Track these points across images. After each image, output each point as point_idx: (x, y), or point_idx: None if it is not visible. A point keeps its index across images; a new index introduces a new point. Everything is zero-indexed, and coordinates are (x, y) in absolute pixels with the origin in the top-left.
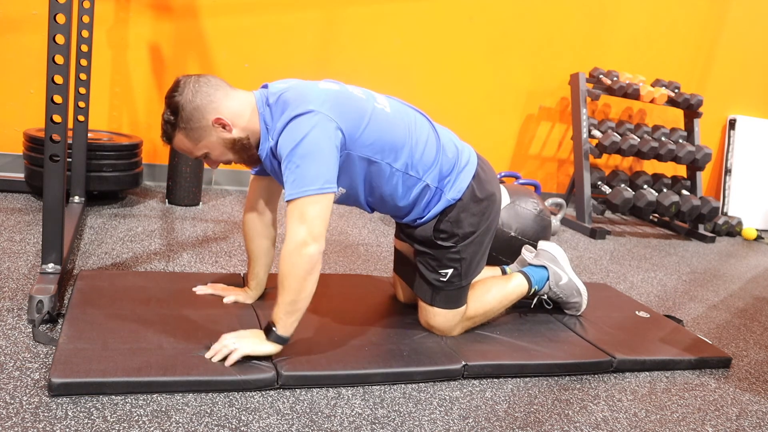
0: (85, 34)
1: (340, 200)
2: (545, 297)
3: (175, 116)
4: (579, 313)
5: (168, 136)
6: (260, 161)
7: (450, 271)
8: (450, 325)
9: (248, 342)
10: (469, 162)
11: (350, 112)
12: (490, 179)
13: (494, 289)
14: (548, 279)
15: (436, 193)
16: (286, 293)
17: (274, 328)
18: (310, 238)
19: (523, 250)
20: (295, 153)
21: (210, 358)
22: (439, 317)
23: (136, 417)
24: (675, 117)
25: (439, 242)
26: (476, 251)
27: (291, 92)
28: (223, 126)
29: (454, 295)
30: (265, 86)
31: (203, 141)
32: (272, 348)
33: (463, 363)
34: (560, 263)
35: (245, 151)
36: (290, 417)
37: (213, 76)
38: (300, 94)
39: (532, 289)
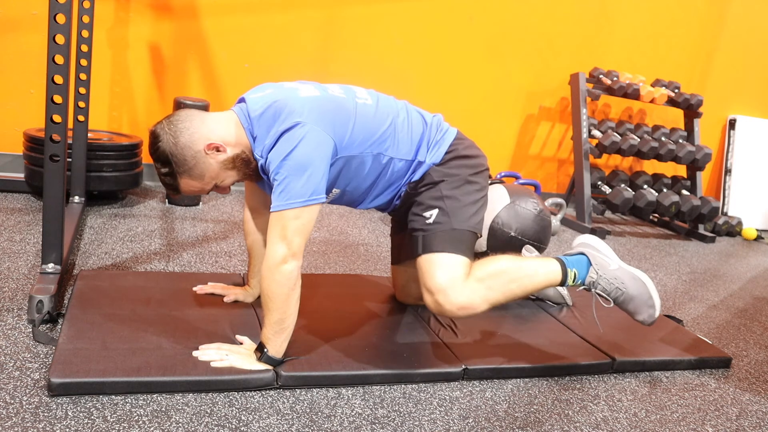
0: (85, 34)
1: (334, 200)
2: (598, 289)
3: (169, 165)
4: (656, 313)
5: (173, 187)
6: None
7: (435, 212)
8: (453, 278)
9: (240, 358)
10: (449, 130)
11: (336, 117)
12: (470, 145)
13: (509, 258)
14: (590, 264)
15: (424, 164)
16: (272, 312)
17: (265, 350)
18: (289, 256)
19: (524, 251)
20: (284, 165)
21: (198, 356)
22: (436, 269)
23: (136, 417)
24: (675, 117)
25: (420, 189)
26: (460, 195)
27: (275, 106)
28: (217, 149)
29: (446, 236)
30: (242, 100)
31: (207, 174)
32: (263, 368)
33: (463, 366)
34: (601, 251)
35: (247, 165)
36: (290, 417)
37: (182, 110)
38: (284, 107)
39: (571, 272)
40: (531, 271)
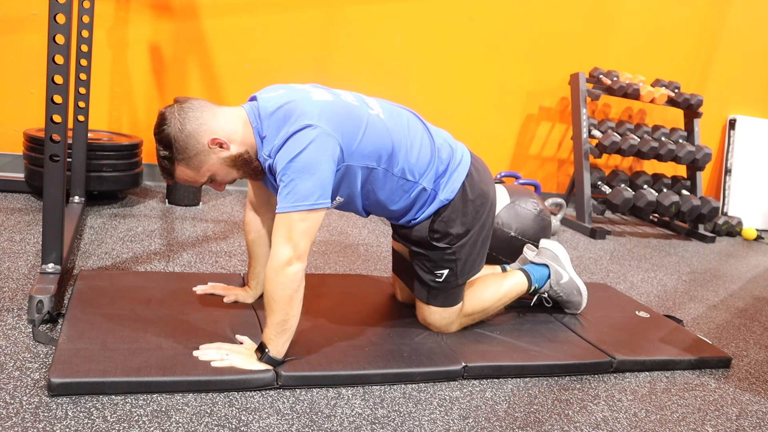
0: (85, 34)
1: (337, 207)
2: (545, 295)
3: (169, 150)
4: (578, 312)
5: (168, 172)
6: (264, 173)
7: (446, 272)
8: (447, 323)
9: (240, 358)
10: (462, 162)
11: (347, 124)
12: (484, 178)
13: (493, 287)
14: (549, 277)
15: (431, 195)
16: (275, 314)
17: (266, 350)
18: (294, 257)
19: (525, 249)
20: (291, 167)
21: (198, 356)
22: (435, 315)
23: (136, 417)
24: (675, 117)
25: (434, 243)
26: (471, 251)
27: (286, 107)
28: (220, 145)
29: (450, 294)
30: (254, 98)
31: (205, 166)
32: (263, 368)
33: (463, 364)
34: (562, 262)
35: (248, 165)
36: (290, 417)
37: (195, 98)
38: (296, 108)
39: (533, 287)
40: (507, 300)
